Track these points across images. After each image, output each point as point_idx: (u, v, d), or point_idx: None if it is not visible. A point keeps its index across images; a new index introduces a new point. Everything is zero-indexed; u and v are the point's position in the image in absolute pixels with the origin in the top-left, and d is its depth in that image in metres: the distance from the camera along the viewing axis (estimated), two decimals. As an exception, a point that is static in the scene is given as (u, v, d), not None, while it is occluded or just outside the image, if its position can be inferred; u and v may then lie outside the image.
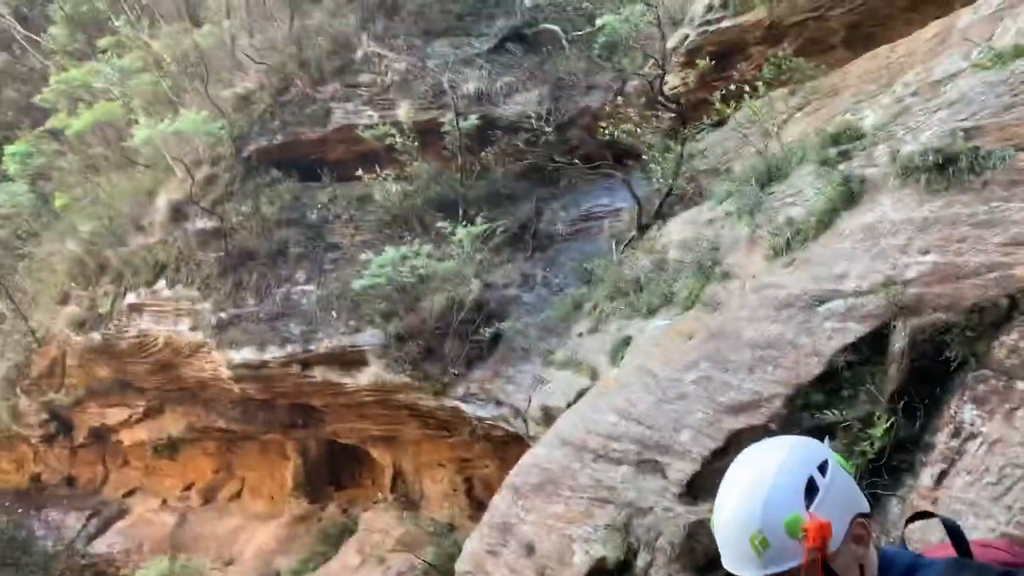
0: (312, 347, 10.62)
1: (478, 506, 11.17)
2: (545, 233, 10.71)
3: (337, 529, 11.85)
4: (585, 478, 5.59)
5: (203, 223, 11.50)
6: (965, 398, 4.01)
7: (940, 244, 4.38)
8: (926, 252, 4.43)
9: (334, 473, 12.63)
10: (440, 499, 11.43)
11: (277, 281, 11.04)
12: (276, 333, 10.82)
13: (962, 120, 5.01)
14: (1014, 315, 3.90)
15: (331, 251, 10.91)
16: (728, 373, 5.11)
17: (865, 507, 1.67)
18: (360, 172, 10.75)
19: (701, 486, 4.82)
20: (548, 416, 8.23)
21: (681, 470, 4.93)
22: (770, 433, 4.55)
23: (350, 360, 10.65)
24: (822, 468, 1.63)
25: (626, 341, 7.58)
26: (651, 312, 7.68)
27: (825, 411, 4.44)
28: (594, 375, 7.82)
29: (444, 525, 10.88)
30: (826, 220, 5.68)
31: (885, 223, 4.86)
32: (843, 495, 1.63)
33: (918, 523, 1.94)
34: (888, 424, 4.25)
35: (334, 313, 10.69)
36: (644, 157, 9.47)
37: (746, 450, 1.73)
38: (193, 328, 11.27)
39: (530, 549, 5.53)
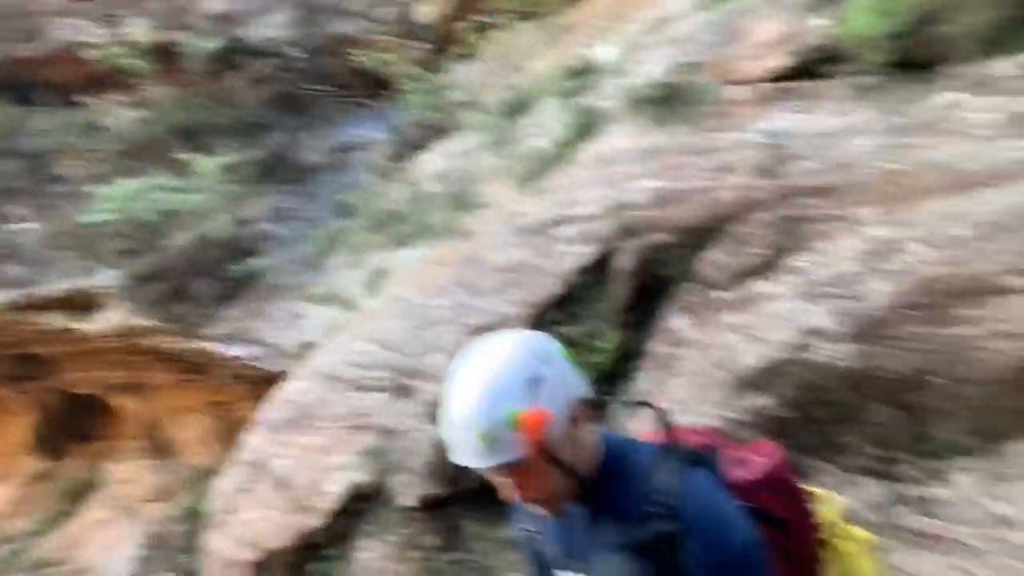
0: (39, 291, 9.64)
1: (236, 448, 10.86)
2: (299, 164, 10.35)
3: (81, 485, 11.03)
4: (341, 408, 5.60)
5: None
6: (678, 309, 4.46)
7: (661, 171, 4.77)
8: (649, 178, 4.80)
9: (76, 426, 11.66)
10: (195, 445, 10.96)
11: (-9, 219, 9.83)
12: (-6, 276, 9.69)
13: (684, 57, 5.43)
14: (717, 234, 4.35)
15: (57, 184, 9.86)
16: (477, 297, 5.29)
17: (583, 392, 1.80)
18: (88, 97, 9.74)
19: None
20: (306, 352, 8.10)
21: (431, 392, 5.07)
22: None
23: (86, 304, 9.80)
24: (543, 360, 1.73)
25: (383, 273, 7.60)
26: (407, 243, 7.75)
27: (562, 327, 4.74)
28: (352, 308, 7.79)
29: (201, 470, 10.45)
30: (566, 150, 5.98)
31: (616, 152, 5.20)
32: (563, 384, 1.74)
33: (635, 416, 2.11)
34: (615, 337, 4.63)
35: (63, 253, 9.74)
36: (399, 87, 9.39)
37: (470, 348, 1.79)
38: None
39: (284, 483, 5.48)
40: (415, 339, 5.44)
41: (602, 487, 1.82)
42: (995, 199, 3.50)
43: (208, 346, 9.59)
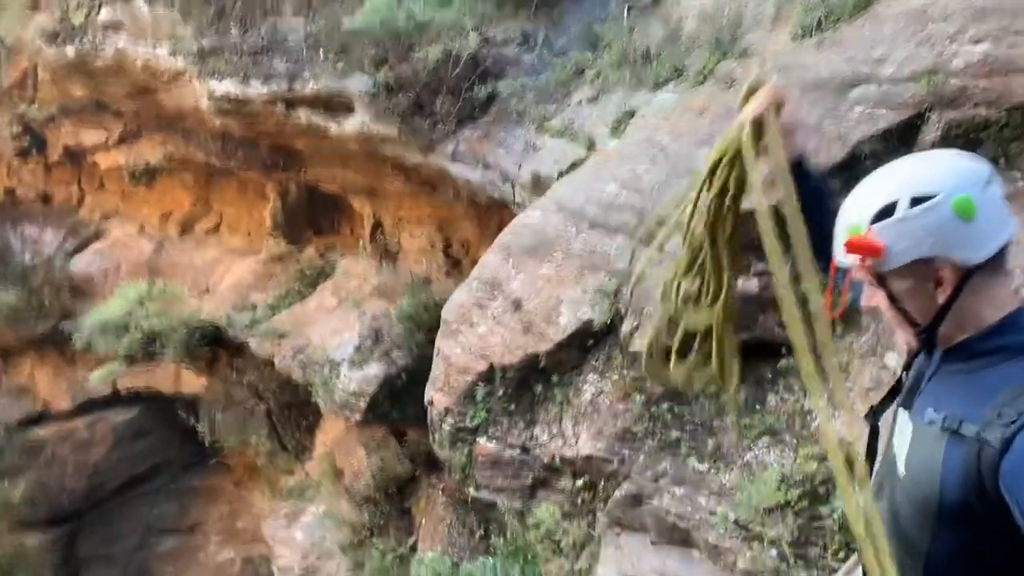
0: (297, 86, 10.11)
1: (454, 264, 11.30)
2: (553, -11, 9.95)
3: (314, 271, 11.96)
4: (579, 244, 5.52)
5: (183, -62, 10.47)
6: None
7: (996, 34, 4.07)
8: (978, 41, 4.12)
9: (313, 218, 12.55)
10: (417, 254, 11.51)
11: (262, 12, 10.27)
12: (260, 68, 10.24)
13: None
14: (1058, 118, 3.70)
15: (324, -17, 10.08)
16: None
17: (973, 258, 1.62)
18: (358, -103, 9.69)
19: (699, 260, 4.78)
20: (537, 184, 8.05)
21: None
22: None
23: (336, 105, 10.20)
24: (919, 199, 1.63)
25: (630, 114, 7.26)
26: (659, 85, 7.33)
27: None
28: (591, 146, 7.57)
29: (420, 278, 11.02)
30: (864, 2, 5.26)
31: (936, 7, 4.48)
32: (937, 232, 1.62)
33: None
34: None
35: (321, 53, 10.08)
36: (669, -86, 8.61)
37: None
38: (172, 53, 10.59)
39: (518, 305, 5.56)
40: (666, 186, 5.18)
41: (976, 352, 1.66)
42: None
43: (442, 163, 9.81)
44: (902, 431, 1.77)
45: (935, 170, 1.67)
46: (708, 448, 4.62)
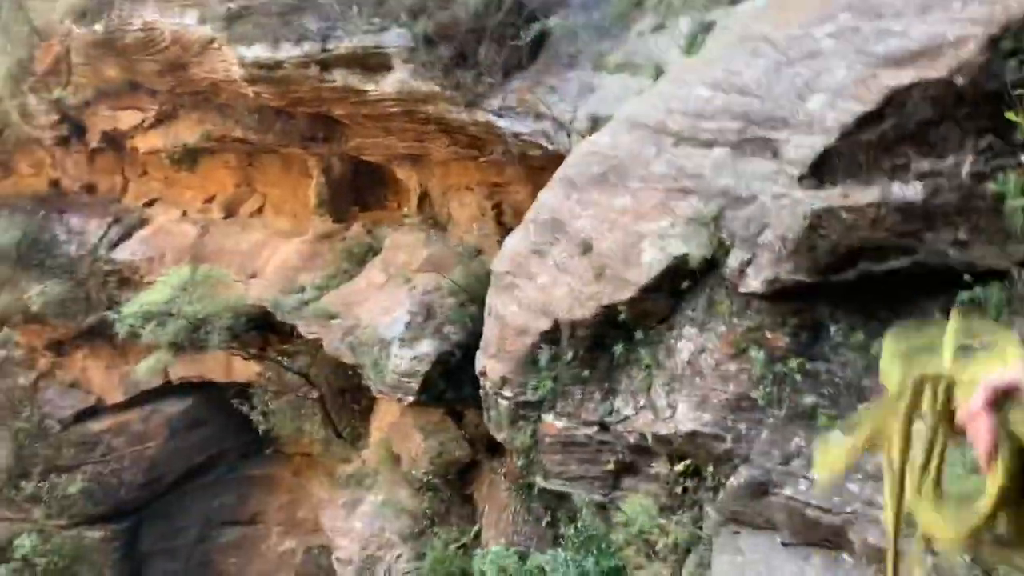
0: (331, 46, 8.94)
1: (507, 232, 10.00)
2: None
3: (362, 248, 10.82)
4: (662, 166, 4.17)
5: None
6: None
7: None
8: None
9: (358, 193, 11.40)
10: (467, 223, 10.26)
11: (292, -31, 9.11)
12: (291, 29, 9.09)
13: None
14: None
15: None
16: (884, 19, 3.49)
17: None
18: None
19: (832, 166, 3.39)
20: (596, 127, 6.74)
21: (805, 146, 3.48)
22: (953, 88, 3.05)
23: (373, 63, 9.00)
24: None
25: (707, 28, 5.88)
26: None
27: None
28: (659, 75, 6.21)
29: (472, 248, 9.78)
30: None
31: None
32: None
33: None
34: None
35: (355, 8, 8.88)
36: None
37: None
38: (201, 21, 9.51)
39: (586, 247, 4.24)
40: (780, 78, 3.80)
41: None
42: None
43: (489, 118, 8.53)
44: None
45: None
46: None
